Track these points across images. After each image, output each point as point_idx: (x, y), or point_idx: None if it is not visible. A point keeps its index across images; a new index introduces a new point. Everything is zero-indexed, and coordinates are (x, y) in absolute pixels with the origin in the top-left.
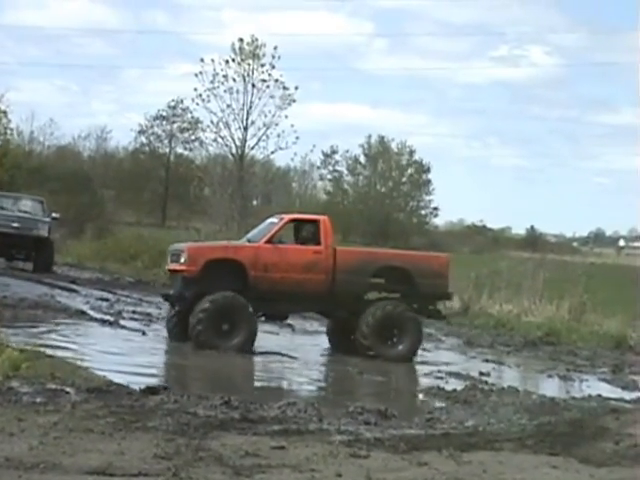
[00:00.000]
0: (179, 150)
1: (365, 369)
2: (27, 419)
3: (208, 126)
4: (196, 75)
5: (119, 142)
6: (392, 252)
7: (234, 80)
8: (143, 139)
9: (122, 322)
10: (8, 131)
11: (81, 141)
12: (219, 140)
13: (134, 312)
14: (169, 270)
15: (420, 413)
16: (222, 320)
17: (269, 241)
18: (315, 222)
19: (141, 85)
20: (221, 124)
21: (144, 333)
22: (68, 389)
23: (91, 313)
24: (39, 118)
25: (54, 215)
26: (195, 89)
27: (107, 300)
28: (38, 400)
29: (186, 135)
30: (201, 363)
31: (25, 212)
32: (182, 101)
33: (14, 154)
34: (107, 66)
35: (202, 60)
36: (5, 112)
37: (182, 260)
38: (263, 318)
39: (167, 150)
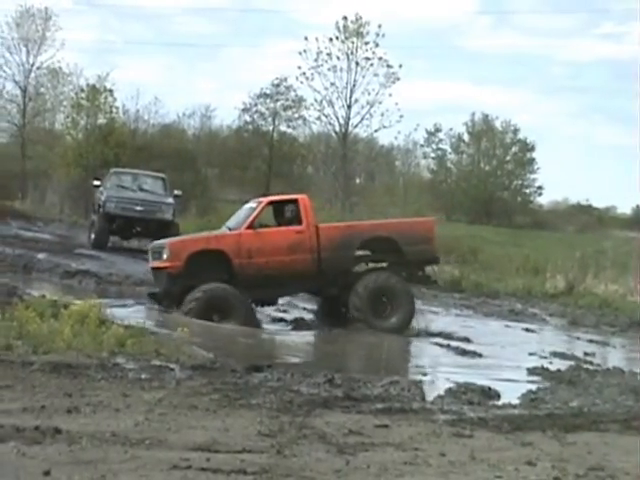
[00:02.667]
0: (282, 128)
1: (469, 347)
2: (132, 395)
3: (312, 104)
4: (300, 53)
5: (223, 120)
6: (375, 222)
7: (338, 58)
8: (247, 117)
9: None
10: (113, 109)
11: (185, 119)
12: (322, 118)
13: None
14: (152, 268)
15: (524, 393)
16: (213, 310)
17: (250, 227)
18: (294, 202)
19: (244, 63)
20: (325, 102)
21: None
22: (173, 366)
23: None
24: (144, 96)
25: (176, 193)
26: (299, 67)
27: None
28: (143, 376)
29: (290, 113)
30: (304, 341)
31: (146, 191)
32: (286, 79)
33: (119, 132)
34: (211, 44)
35: (306, 38)
36: (111, 90)
37: (164, 256)
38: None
39: (270, 128)
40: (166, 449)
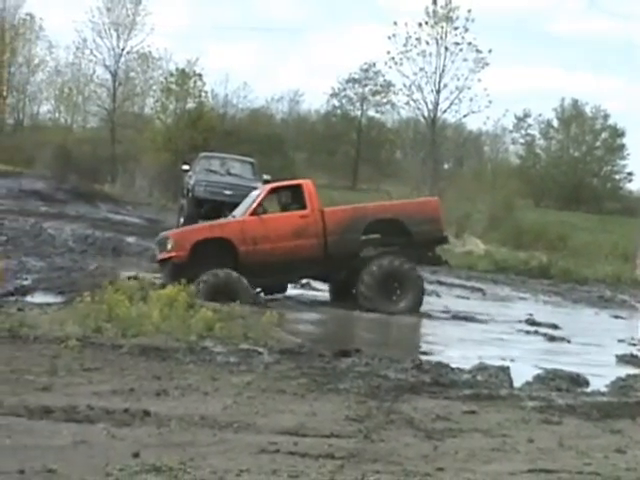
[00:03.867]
0: (371, 113)
1: (557, 334)
2: (221, 379)
3: (400, 89)
4: (389, 38)
5: (311, 105)
6: (381, 204)
7: (427, 43)
8: (335, 102)
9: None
10: (202, 94)
11: (274, 104)
12: (411, 103)
13: None
14: (159, 262)
15: (613, 380)
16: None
17: (253, 213)
18: (298, 187)
19: (333, 48)
20: (413, 87)
21: None
22: (261, 350)
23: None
24: (233, 81)
25: (265, 177)
26: (388, 52)
27: None
28: (231, 360)
29: (378, 98)
30: (389, 327)
31: (235, 175)
32: (374, 64)
33: (208, 117)
34: (299, 29)
35: (395, 23)
36: (200, 75)
37: (169, 247)
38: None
39: (359, 113)
40: (254, 433)
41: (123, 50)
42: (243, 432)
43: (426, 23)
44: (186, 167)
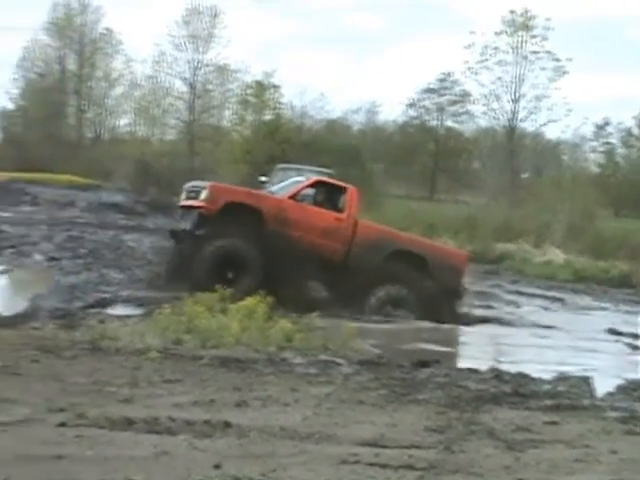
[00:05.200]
0: (448, 123)
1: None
2: (300, 390)
3: (478, 99)
4: (466, 47)
5: (388, 116)
6: (414, 237)
7: (505, 52)
8: (412, 112)
9: None
10: (280, 106)
11: (351, 115)
12: (489, 113)
13: None
14: (182, 207)
15: None
16: (226, 267)
17: (293, 197)
18: (343, 189)
19: (410, 58)
20: (491, 96)
21: None
22: (340, 361)
23: None
24: (310, 92)
25: None
26: (465, 61)
27: None
28: (311, 371)
29: (455, 108)
30: (468, 337)
31: None
32: (451, 74)
33: (285, 128)
34: (376, 39)
35: (472, 32)
36: (277, 87)
37: (202, 196)
38: None
39: (436, 123)
40: (334, 444)
41: (201, 63)
42: (323, 443)
43: (504, 32)
44: (264, 179)
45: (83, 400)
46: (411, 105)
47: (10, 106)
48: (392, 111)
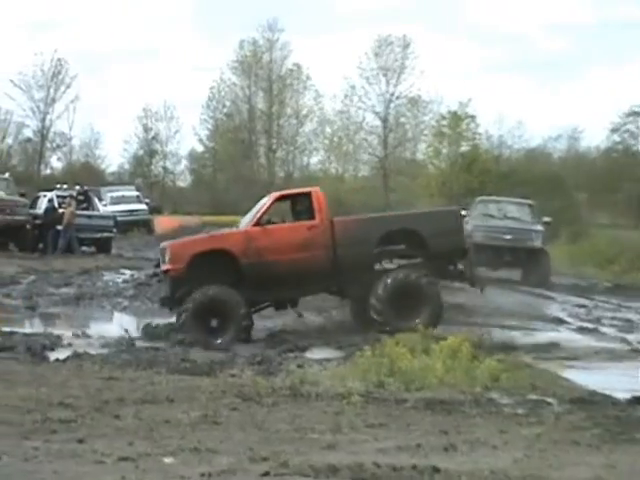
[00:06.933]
0: None
1: None
2: (509, 431)
3: None
4: None
5: (591, 142)
6: (395, 214)
7: None
8: (616, 137)
9: (601, 329)
10: (477, 136)
11: (551, 142)
12: None
13: (613, 318)
14: (162, 272)
15: None
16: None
17: (257, 223)
18: (306, 195)
19: (610, 81)
20: None
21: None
22: (550, 400)
23: (568, 320)
24: (507, 121)
25: (546, 220)
26: None
27: (584, 306)
28: (519, 411)
29: None
30: None
31: (514, 219)
32: None
33: (483, 159)
34: (572, 63)
35: None
36: (473, 117)
37: (166, 259)
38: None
39: None
40: None
41: (392, 95)
42: None
43: None
44: (463, 212)
45: (285, 448)
46: (614, 130)
47: (199, 148)
48: (596, 136)
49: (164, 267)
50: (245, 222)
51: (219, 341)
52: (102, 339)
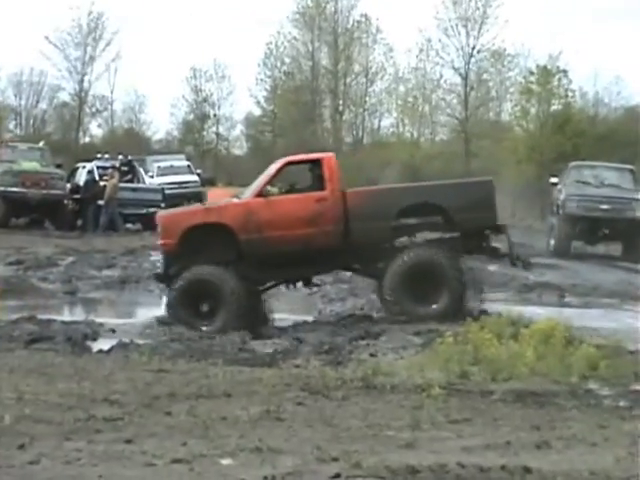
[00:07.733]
0: None
1: None
2: (610, 426)
3: None
4: None
5: None
6: (418, 185)
7: None
8: None
9: None
10: (569, 93)
11: None
12: None
13: None
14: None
15: None
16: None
17: (259, 194)
18: (317, 162)
19: None
20: None
21: None
22: None
23: None
24: (604, 76)
25: None
26: None
27: None
28: (621, 404)
29: None
30: None
31: (612, 186)
32: None
33: (577, 120)
34: None
35: None
36: (565, 71)
37: (158, 231)
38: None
39: None
40: None
41: (474, 49)
42: None
43: None
44: (554, 180)
45: (358, 447)
46: None
47: (256, 111)
48: None
49: (158, 240)
50: (245, 192)
51: (205, 328)
52: (150, 327)
